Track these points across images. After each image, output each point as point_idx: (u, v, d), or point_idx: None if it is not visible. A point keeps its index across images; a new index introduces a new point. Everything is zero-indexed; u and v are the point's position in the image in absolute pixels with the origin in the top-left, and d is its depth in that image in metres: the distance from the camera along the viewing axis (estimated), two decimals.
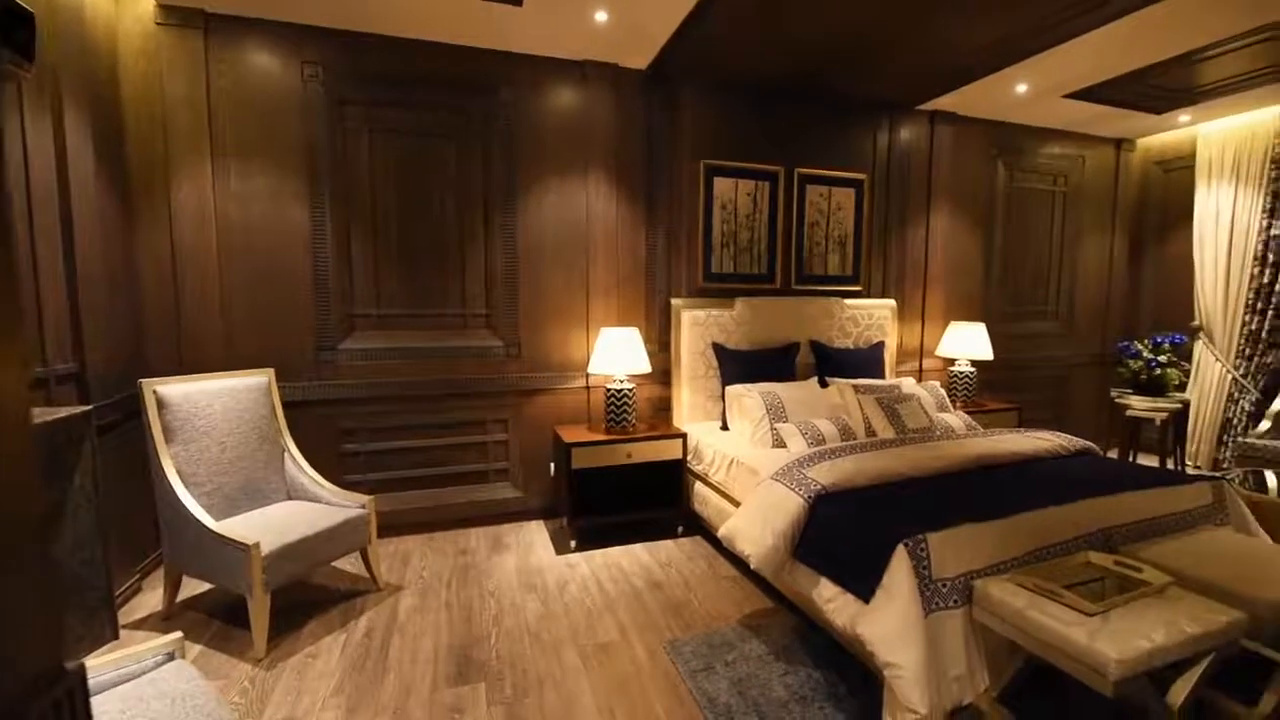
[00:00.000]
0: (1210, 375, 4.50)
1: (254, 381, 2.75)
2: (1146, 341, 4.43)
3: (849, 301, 4.15)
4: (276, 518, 2.50)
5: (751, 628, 2.42)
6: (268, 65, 3.00)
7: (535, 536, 3.39)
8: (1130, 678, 1.47)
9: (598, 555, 3.14)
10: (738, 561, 2.92)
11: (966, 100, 4.09)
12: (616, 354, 3.27)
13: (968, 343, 4.22)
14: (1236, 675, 2.02)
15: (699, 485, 3.35)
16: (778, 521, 2.25)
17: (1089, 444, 2.98)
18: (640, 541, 3.30)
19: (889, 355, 4.23)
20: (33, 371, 2.17)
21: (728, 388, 3.51)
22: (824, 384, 3.66)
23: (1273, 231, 4.12)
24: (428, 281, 3.35)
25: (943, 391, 3.83)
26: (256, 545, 2.17)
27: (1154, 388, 4.33)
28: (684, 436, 3.37)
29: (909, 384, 3.74)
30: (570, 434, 3.29)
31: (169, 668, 1.37)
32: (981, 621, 1.81)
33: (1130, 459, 4.53)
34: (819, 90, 3.88)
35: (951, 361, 4.38)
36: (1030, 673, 1.93)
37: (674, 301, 3.73)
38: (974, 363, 4.30)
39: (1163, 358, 4.31)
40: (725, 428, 3.52)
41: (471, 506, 3.51)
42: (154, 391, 2.41)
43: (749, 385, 3.41)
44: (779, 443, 3.10)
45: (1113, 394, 4.61)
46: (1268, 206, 4.15)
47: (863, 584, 1.89)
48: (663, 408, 3.82)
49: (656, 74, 3.57)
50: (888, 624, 1.77)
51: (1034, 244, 4.87)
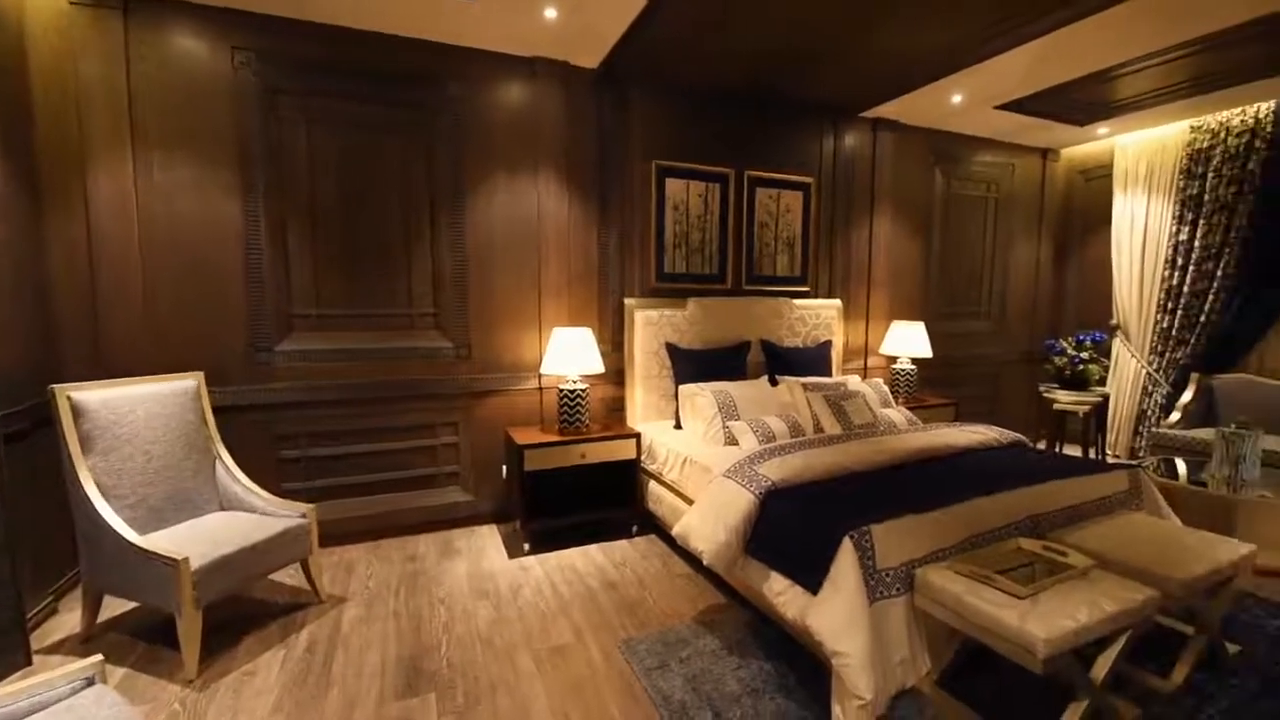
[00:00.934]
0: (1127, 370, 4.83)
1: (181, 385, 2.60)
2: (1070, 339, 4.73)
3: (798, 302, 4.25)
4: (208, 530, 2.36)
5: (705, 624, 2.44)
6: (194, 50, 2.83)
7: (487, 541, 3.32)
8: (1057, 656, 1.56)
9: (552, 558, 3.10)
10: (692, 559, 2.95)
11: (906, 109, 4.26)
12: (569, 354, 3.24)
13: (908, 341, 4.39)
14: (1151, 649, 2.19)
15: (653, 484, 3.36)
16: (730, 518, 2.28)
17: (1019, 436, 3.15)
18: (595, 542, 3.28)
19: (836, 354, 4.36)
20: None
21: (681, 387, 3.53)
22: (774, 382, 3.74)
23: (1180, 237, 4.46)
24: (372, 280, 3.24)
25: (886, 388, 3.97)
26: (185, 560, 2.05)
27: (1077, 383, 4.63)
28: (638, 436, 3.37)
29: (854, 381, 3.86)
30: (523, 435, 3.25)
31: (88, 694, 1.27)
32: (922, 608, 1.88)
33: (1057, 450, 4.82)
34: (767, 95, 3.96)
35: (894, 359, 4.55)
36: (967, 655, 2.03)
37: (627, 301, 3.74)
38: (914, 360, 4.48)
39: (1085, 354, 4.61)
40: (679, 426, 3.55)
41: (420, 512, 3.42)
42: (68, 398, 2.23)
43: (702, 384, 3.45)
44: (731, 440, 3.15)
45: (1040, 389, 4.89)
46: (1177, 214, 4.48)
47: (811, 576, 1.94)
48: (616, 408, 3.81)
49: (608, 73, 3.56)
50: (835, 614, 1.82)
51: (968, 247, 5.11)
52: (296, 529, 2.47)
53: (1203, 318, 4.39)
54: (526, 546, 3.17)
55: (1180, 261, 4.48)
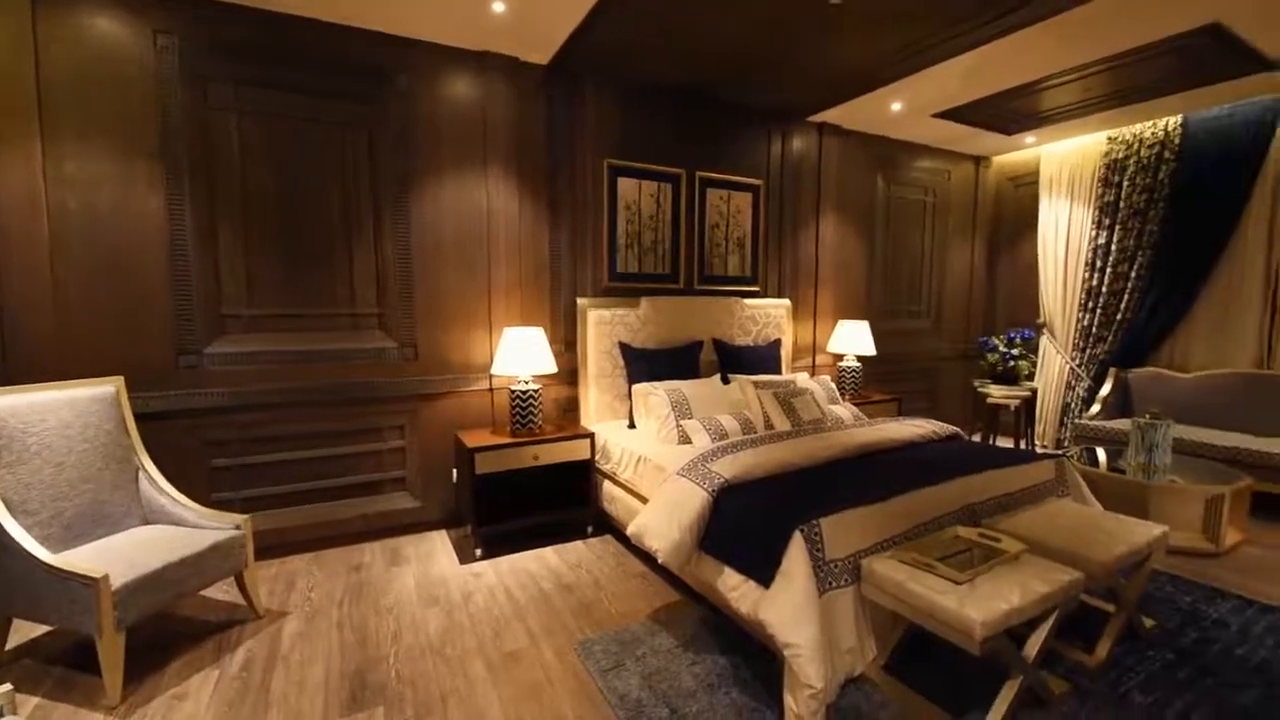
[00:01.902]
0: (1053, 366, 5.14)
1: (98, 392, 2.42)
2: (1002, 337, 5.01)
3: (748, 301, 4.32)
4: (130, 545, 2.21)
5: (661, 622, 2.45)
6: (111, 33, 2.64)
7: (437, 547, 3.23)
8: (993, 637, 1.64)
9: (505, 562, 3.05)
10: (647, 558, 2.95)
11: (850, 114, 4.40)
12: (521, 354, 3.19)
13: (854, 340, 4.54)
14: (1077, 627, 2.33)
15: (608, 484, 3.35)
16: (684, 516, 2.30)
17: (956, 429, 3.29)
18: (549, 544, 3.24)
19: (785, 352, 4.46)
20: None
21: (634, 386, 3.54)
22: (726, 380, 3.79)
23: (1099, 241, 4.77)
24: (311, 279, 3.10)
25: (833, 385, 4.09)
26: (105, 578, 1.91)
27: (1009, 378, 4.90)
28: (592, 436, 3.36)
29: (803, 379, 3.96)
30: (473, 438, 3.18)
31: None
32: (869, 596, 1.94)
33: (991, 441, 5.08)
34: (717, 97, 4.01)
35: (840, 357, 4.69)
36: (911, 640, 2.11)
37: (580, 301, 3.71)
38: (860, 358, 4.63)
39: (1015, 351, 4.88)
40: (633, 426, 3.55)
41: (366, 520, 3.30)
42: None
43: (655, 383, 3.46)
44: (684, 439, 3.17)
45: (975, 384, 5.16)
46: (1096, 220, 4.80)
47: (764, 571, 1.97)
48: (570, 408, 3.78)
49: (558, 71, 3.53)
50: (786, 607, 1.86)
51: (909, 249, 5.32)
52: (229, 541, 2.33)
53: (1119, 316, 4.71)
54: (479, 551, 3.10)
55: (1099, 264, 4.79)
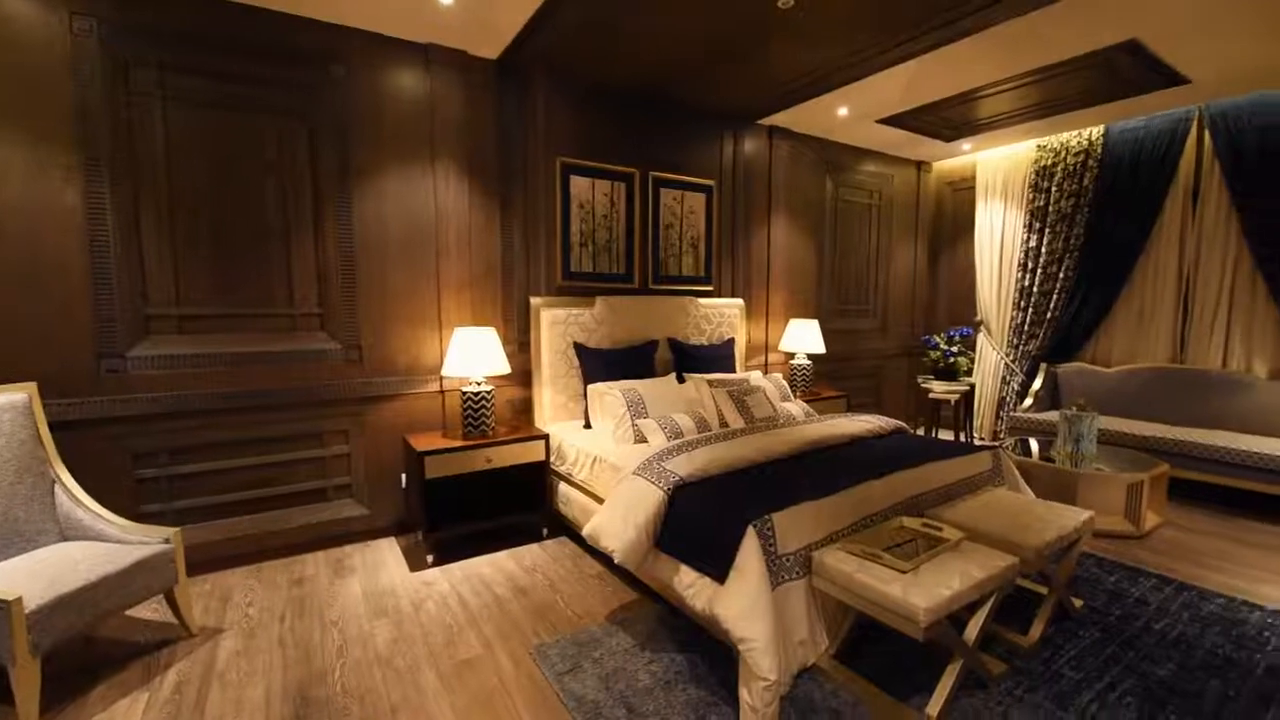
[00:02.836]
0: (989, 361, 5.39)
1: (9, 400, 2.23)
2: (943, 335, 5.24)
3: (703, 301, 4.36)
4: (46, 564, 2.04)
5: (618, 621, 2.44)
6: (21, 13, 2.44)
7: (386, 555, 3.13)
8: (936, 622, 1.71)
9: (457, 568, 2.98)
10: (603, 558, 2.94)
11: (799, 118, 4.50)
12: (472, 355, 3.13)
13: (805, 338, 4.64)
14: (1013, 609, 2.44)
15: (563, 486, 3.32)
16: (639, 515, 2.29)
17: (901, 424, 3.41)
18: (504, 549, 3.19)
19: (739, 351, 4.52)
20: None
21: (589, 386, 3.51)
22: (681, 380, 3.81)
23: (1030, 244, 5.04)
24: (246, 277, 2.95)
25: (785, 383, 4.17)
26: (18, 600, 1.76)
27: (949, 373, 5.12)
28: (546, 437, 3.32)
29: (756, 377, 4.02)
30: (422, 442, 3.09)
31: None
32: (819, 588, 1.99)
33: (933, 435, 5.30)
34: (669, 98, 4.03)
35: (792, 355, 4.79)
36: (860, 629, 2.17)
37: (533, 300, 3.66)
38: (810, 356, 4.75)
39: (955, 348, 5.11)
40: (588, 426, 3.52)
41: (308, 530, 3.16)
42: None
43: (610, 383, 3.45)
44: (640, 438, 3.17)
45: (918, 380, 5.36)
46: (1027, 223, 5.06)
47: (718, 566, 1.99)
48: (524, 409, 3.73)
49: (509, 67, 3.47)
50: (741, 601, 1.88)
51: (856, 250, 5.49)
52: (157, 557, 2.19)
53: (1049, 314, 4.99)
54: (430, 558, 3.02)
55: (1030, 265, 5.06)
